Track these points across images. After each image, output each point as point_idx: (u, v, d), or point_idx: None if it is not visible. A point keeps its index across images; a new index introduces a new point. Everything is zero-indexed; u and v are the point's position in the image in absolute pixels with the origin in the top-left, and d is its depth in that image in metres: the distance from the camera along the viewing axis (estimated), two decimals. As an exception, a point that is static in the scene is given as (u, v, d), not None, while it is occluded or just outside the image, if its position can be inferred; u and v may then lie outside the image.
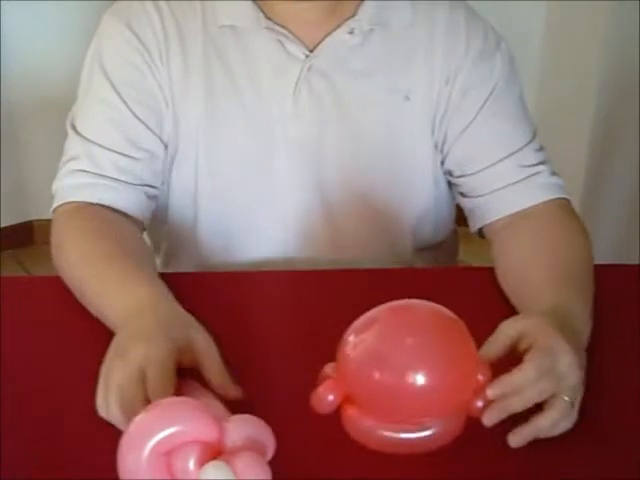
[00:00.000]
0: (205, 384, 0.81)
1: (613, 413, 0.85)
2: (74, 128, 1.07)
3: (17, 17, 2.40)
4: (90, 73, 1.07)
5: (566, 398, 0.78)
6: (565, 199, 1.10)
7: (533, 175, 1.09)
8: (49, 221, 1.06)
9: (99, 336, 0.94)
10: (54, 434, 0.82)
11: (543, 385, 0.77)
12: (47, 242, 1.05)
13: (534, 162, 1.09)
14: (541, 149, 1.12)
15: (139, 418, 0.70)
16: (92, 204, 1.04)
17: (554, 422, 0.78)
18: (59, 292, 1.01)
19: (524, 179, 1.08)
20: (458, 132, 1.10)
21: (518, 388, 0.76)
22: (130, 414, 0.72)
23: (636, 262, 1.20)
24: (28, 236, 2.56)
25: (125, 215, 1.05)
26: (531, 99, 2.58)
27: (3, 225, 2.60)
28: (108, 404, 0.78)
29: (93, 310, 0.95)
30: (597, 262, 1.02)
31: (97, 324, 0.96)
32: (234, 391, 0.80)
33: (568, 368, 0.79)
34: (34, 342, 0.95)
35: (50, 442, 0.81)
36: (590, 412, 0.84)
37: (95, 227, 1.01)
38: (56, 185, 1.07)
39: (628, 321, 0.98)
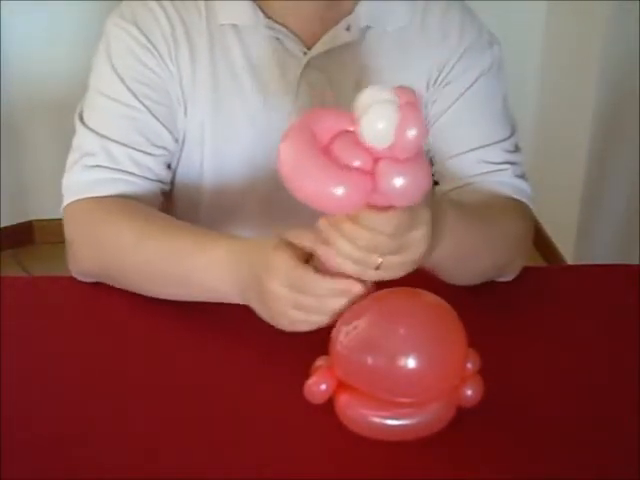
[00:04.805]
0: None
1: (613, 413, 0.85)
2: (86, 126, 1.05)
3: (17, 18, 2.40)
4: (100, 76, 1.06)
5: (379, 260, 0.77)
6: (523, 203, 1.08)
7: (494, 171, 1.07)
8: (49, 221, 1.06)
9: (99, 336, 0.95)
10: (54, 434, 0.82)
11: (392, 242, 0.76)
12: (47, 242, 1.05)
13: (499, 160, 1.07)
14: (514, 152, 1.10)
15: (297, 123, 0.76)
16: (112, 197, 1.01)
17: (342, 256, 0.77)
18: (59, 292, 1.01)
19: (483, 173, 1.06)
20: (431, 122, 1.09)
21: (372, 227, 0.75)
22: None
23: (636, 262, 1.20)
24: (28, 236, 2.54)
25: None
26: (531, 99, 2.60)
27: (3, 225, 2.59)
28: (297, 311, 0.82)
29: (169, 285, 0.96)
30: (597, 262, 1.02)
31: (97, 324, 0.96)
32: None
33: (419, 241, 0.78)
34: (34, 342, 0.94)
35: (50, 442, 0.81)
36: (590, 412, 0.84)
37: (132, 210, 1.00)
38: (68, 181, 1.04)
39: (628, 321, 0.98)
